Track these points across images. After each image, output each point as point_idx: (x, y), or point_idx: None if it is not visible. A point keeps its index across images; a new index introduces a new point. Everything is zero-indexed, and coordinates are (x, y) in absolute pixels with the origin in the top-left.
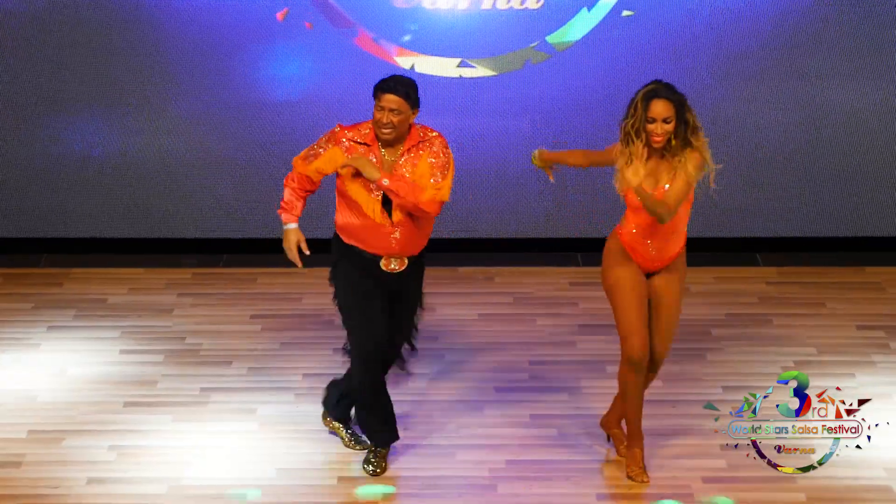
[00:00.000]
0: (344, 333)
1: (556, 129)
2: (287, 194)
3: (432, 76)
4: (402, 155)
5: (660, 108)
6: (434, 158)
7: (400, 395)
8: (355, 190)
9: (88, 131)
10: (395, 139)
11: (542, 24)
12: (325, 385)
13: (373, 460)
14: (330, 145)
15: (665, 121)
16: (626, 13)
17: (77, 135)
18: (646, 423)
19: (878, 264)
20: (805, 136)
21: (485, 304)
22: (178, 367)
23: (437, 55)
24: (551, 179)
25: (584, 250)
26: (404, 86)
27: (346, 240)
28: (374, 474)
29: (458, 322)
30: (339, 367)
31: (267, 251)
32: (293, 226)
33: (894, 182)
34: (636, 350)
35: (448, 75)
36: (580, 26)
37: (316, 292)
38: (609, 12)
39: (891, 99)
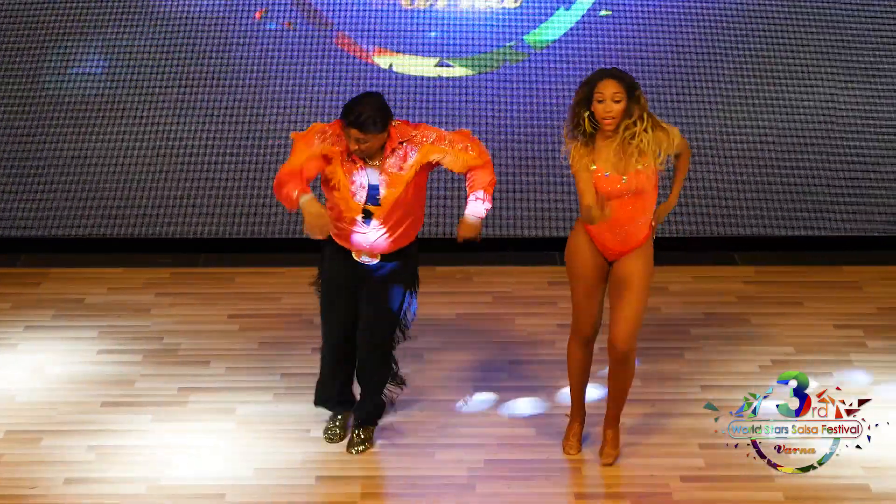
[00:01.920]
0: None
1: (534, 129)
2: (288, 187)
3: (410, 76)
4: (386, 157)
5: (609, 86)
6: (442, 143)
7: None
8: (339, 184)
9: (66, 131)
10: (370, 156)
11: (520, 24)
12: (304, 384)
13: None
14: (321, 141)
15: (614, 100)
16: (603, 13)
17: (54, 135)
18: (624, 422)
19: (856, 263)
20: (783, 135)
21: (463, 304)
22: (156, 367)
23: (415, 54)
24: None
25: (562, 250)
26: (369, 118)
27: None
28: (331, 441)
29: (436, 321)
30: (317, 366)
31: (245, 251)
32: (309, 196)
33: (871, 182)
34: (585, 326)
35: (426, 75)
36: (558, 26)
37: (294, 292)
38: (587, 12)
39: (868, 99)
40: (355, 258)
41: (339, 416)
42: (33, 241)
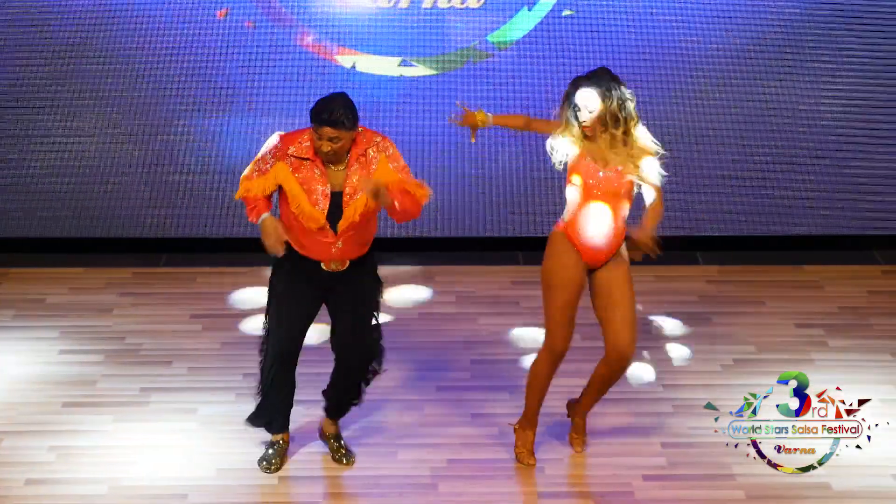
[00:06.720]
0: None
1: (497, 129)
2: (249, 202)
3: (373, 75)
4: (350, 165)
5: (584, 96)
6: (394, 163)
7: None
8: (299, 201)
9: (26, 131)
10: (338, 159)
11: (483, 23)
12: None
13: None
14: (275, 161)
15: (589, 109)
16: (566, 13)
17: (14, 134)
18: (587, 421)
19: (817, 263)
20: (743, 135)
21: (426, 303)
22: (118, 367)
23: (378, 54)
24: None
25: (525, 249)
26: (341, 114)
27: (291, 242)
28: (268, 471)
29: (399, 321)
30: None
31: (207, 251)
32: (267, 215)
33: (832, 182)
34: (561, 342)
35: (389, 74)
36: (521, 25)
37: (257, 292)
38: (549, 12)
39: (828, 99)
40: (324, 267)
41: (277, 444)
42: None
